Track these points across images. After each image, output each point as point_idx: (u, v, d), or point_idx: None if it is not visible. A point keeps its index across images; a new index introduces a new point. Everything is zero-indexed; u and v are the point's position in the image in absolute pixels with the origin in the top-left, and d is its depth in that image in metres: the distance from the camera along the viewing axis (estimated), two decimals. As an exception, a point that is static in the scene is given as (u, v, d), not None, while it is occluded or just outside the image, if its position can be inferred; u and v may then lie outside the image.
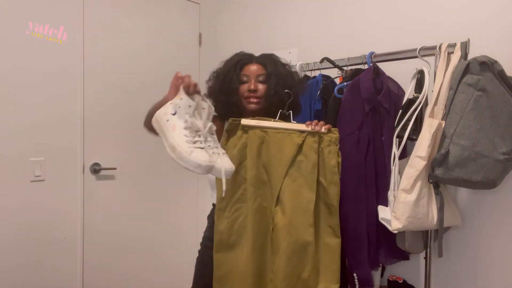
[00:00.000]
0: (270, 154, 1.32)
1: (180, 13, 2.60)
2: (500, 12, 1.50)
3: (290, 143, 1.31)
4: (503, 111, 1.23)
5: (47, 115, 2.01)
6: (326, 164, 1.30)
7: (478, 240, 1.57)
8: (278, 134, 1.32)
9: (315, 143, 1.30)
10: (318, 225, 1.31)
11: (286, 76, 1.44)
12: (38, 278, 2.01)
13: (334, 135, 1.31)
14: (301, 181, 1.30)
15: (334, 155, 1.31)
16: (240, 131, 1.33)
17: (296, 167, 1.31)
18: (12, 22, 1.89)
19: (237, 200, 1.33)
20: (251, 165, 1.31)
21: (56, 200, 2.06)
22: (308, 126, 1.31)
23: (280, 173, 1.31)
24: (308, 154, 1.30)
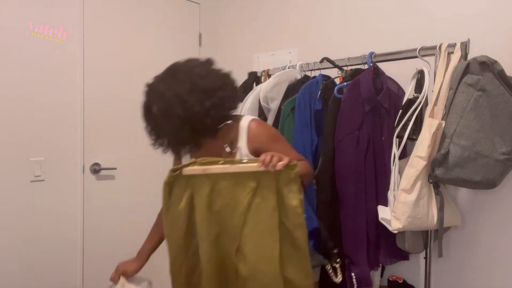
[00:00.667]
0: (222, 203, 1.15)
1: (180, 13, 2.60)
2: (500, 12, 1.50)
3: (244, 187, 1.14)
4: (503, 111, 1.23)
5: (47, 115, 2.01)
6: (287, 206, 1.13)
7: (478, 240, 1.57)
8: (229, 179, 1.14)
9: (272, 182, 1.13)
10: (287, 270, 1.16)
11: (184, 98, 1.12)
12: (38, 278, 2.01)
13: (293, 171, 1.12)
14: (262, 227, 1.14)
15: (295, 194, 1.13)
16: (184, 181, 1.15)
17: (254, 212, 1.14)
18: (12, 22, 1.89)
19: (190, 257, 1.20)
20: (201, 219, 1.15)
21: (56, 200, 2.06)
22: (261, 166, 1.10)
23: (237, 222, 1.15)
24: (266, 196, 1.13)
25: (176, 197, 1.17)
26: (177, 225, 1.17)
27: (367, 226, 1.49)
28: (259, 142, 1.25)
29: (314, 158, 1.59)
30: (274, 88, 1.77)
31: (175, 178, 1.15)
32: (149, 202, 2.45)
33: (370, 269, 1.52)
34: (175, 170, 1.15)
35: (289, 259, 1.16)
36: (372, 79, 1.51)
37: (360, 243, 1.48)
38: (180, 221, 1.17)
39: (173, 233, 1.18)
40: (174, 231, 1.18)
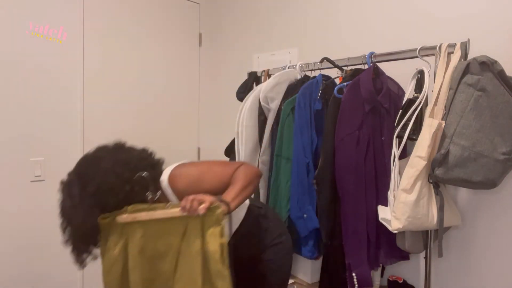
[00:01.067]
0: (154, 249, 1.15)
1: (180, 13, 2.60)
2: (500, 12, 1.50)
3: (174, 232, 1.14)
4: (503, 111, 1.23)
5: (47, 115, 2.02)
6: (208, 250, 1.11)
7: (478, 240, 1.57)
8: (159, 225, 1.15)
9: (198, 225, 1.12)
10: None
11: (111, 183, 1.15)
12: (38, 278, 2.01)
13: (215, 213, 1.10)
14: (188, 272, 1.13)
15: (215, 238, 1.10)
16: (119, 228, 1.16)
17: (182, 256, 1.14)
18: (12, 22, 1.89)
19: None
20: (133, 265, 1.15)
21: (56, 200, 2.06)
22: (183, 211, 1.11)
23: (169, 267, 1.15)
24: (191, 240, 1.13)
25: (112, 242, 1.17)
26: (112, 271, 1.17)
27: (367, 226, 1.49)
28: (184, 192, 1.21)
29: (314, 158, 1.60)
30: (274, 88, 1.77)
31: (109, 224, 1.17)
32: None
33: (370, 269, 1.52)
34: (106, 217, 1.16)
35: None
36: (372, 79, 1.51)
37: (360, 243, 1.48)
38: (115, 267, 1.17)
39: (108, 278, 1.17)
40: (109, 276, 1.17)
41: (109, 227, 1.17)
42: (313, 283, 1.76)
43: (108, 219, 1.16)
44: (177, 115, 2.60)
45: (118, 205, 1.17)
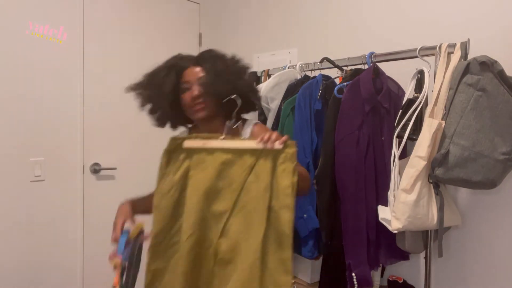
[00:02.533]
0: (217, 180, 1.14)
1: (180, 13, 2.60)
2: (500, 12, 1.50)
3: (241, 165, 1.13)
4: (503, 111, 1.23)
5: (47, 115, 2.02)
6: (279, 185, 1.10)
7: (478, 240, 1.57)
8: (228, 154, 1.13)
9: (269, 162, 1.12)
10: (267, 258, 1.11)
11: (221, 71, 1.25)
12: (38, 278, 2.01)
13: (290, 151, 1.11)
14: (251, 207, 1.12)
15: (288, 174, 1.10)
16: (183, 154, 1.15)
17: (246, 191, 1.13)
18: (12, 22, 1.89)
19: (175, 233, 1.17)
20: (192, 193, 1.14)
21: (56, 200, 2.06)
22: (260, 143, 1.11)
23: (229, 200, 1.14)
24: (260, 176, 1.12)
25: (173, 167, 1.16)
26: (168, 195, 1.15)
27: (367, 226, 1.49)
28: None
29: (314, 158, 1.60)
30: (274, 88, 1.77)
31: (176, 147, 1.16)
32: (149, 202, 2.46)
33: (370, 269, 1.52)
34: (177, 139, 1.16)
35: (270, 247, 1.11)
36: (372, 79, 1.51)
37: (360, 242, 1.48)
38: (172, 191, 1.15)
39: (163, 202, 1.16)
40: (164, 201, 1.16)
41: (174, 150, 1.16)
42: (313, 283, 1.76)
43: (177, 141, 1.16)
44: (177, 115, 2.60)
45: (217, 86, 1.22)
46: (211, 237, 1.15)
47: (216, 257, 1.14)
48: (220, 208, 1.14)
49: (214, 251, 1.15)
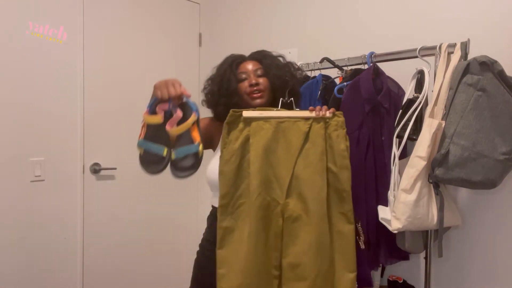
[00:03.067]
0: (276, 145, 1.28)
1: (180, 13, 2.60)
2: (500, 12, 1.50)
3: (297, 131, 1.27)
4: (503, 111, 1.23)
5: (47, 115, 2.01)
6: (335, 149, 1.26)
7: (478, 240, 1.57)
8: (283, 123, 1.28)
9: (322, 129, 1.27)
10: (330, 213, 1.27)
11: (283, 66, 1.46)
12: (38, 278, 2.01)
13: (340, 119, 1.28)
14: (311, 170, 1.26)
15: (342, 139, 1.27)
16: (242, 124, 1.28)
17: (304, 155, 1.27)
18: (12, 22, 1.89)
19: (240, 195, 1.28)
20: (255, 157, 1.26)
21: (56, 200, 2.06)
22: (312, 112, 1.28)
23: (289, 163, 1.27)
24: (316, 141, 1.26)
25: (233, 136, 1.28)
26: (231, 161, 1.27)
27: (367, 226, 1.49)
28: None
29: (314, 158, 1.59)
30: (274, 88, 1.77)
31: (235, 118, 1.28)
32: (149, 202, 2.46)
33: (370, 269, 1.52)
34: (236, 111, 1.28)
35: (332, 203, 1.27)
36: (372, 79, 1.51)
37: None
38: (234, 158, 1.27)
39: (226, 168, 1.28)
40: (227, 166, 1.28)
41: (233, 122, 1.29)
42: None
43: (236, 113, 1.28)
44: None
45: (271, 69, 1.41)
46: (276, 198, 1.27)
47: (284, 215, 1.26)
48: (281, 171, 1.27)
49: (281, 210, 1.27)
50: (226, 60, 1.48)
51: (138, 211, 2.40)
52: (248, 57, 1.49)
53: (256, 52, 1.50)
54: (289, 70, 1.46)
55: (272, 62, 1.44)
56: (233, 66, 1.44)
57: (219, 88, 1.43)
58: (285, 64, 1.48)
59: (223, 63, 1.48)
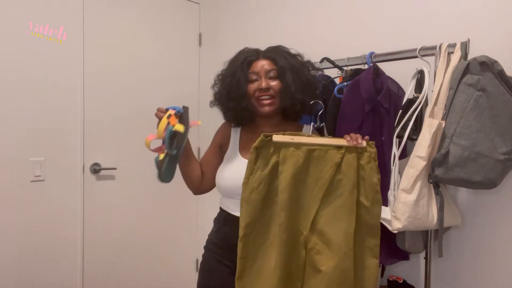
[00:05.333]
0: (305, 174, 1.20)
1: (180, 13, 2.60)
2: (500, 12, 1.50)
3: (328, 161, 1.20)
4: (503, 111, 1.23)
5: (47, 115, 2.02)
6: (367, 183, 1.20)
7: (478, 240, 1.57)
8: (315, 151, 1.20)
9: (355, 160, 1.20)
10: (357, 247, 1.21)
11: (300, 69, 1.34)
12: (38, 278, 2.01)
13: (373, 150, 1.23)
14: (340, 202, 1.19)
15: (375, 172, 1.21)
16: (272, 149, 1.20)
17: (335, 187, 1.20)
18: (12, 22, 1.89)
19: (264, 223, 1.22)
20: (284, 187, 1.18)
21: (56, 200, 2.06)
22: (349, 141, 1.20)
23: (317, 194, 1.20)
24: (348, 173, 1.20)
25: (262, 162, 1.21)
26: (258, 189, 1.20)
27: (367, 226, 1.49)
28: None
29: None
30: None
31: (265, 143, 1.20)
32: (149, 202, 2.46)
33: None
34: (267, 136, 1.20)
35: (360, 238, 1.21)
36: (372, 79, 1.51)
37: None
38: (262, 185, 1.20)
39: (252, 196, 1.20)
40: (254, 195, 1.20)
41: (262, 146, 1.21)
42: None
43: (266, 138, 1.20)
44: (177, 115, 2.60)
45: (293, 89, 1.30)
46: (301, 229, 1.21)
47: (306, 247, 1.21)
48: (309, 201, 1.21)
49: (304, 241, 1.21)
50: (239, 57, 1.38)
51: (138, 211, 2.40)
52: (262, 53, 1.37)
53: (271, 48, 1.39)
54: (308, 72, 1.36)
55: (288, 64, 1.32)
56: (244, 65, 1.34)
57: (228, 91, 1.35)
58: (301, 65, 1.36)
59: (236, 59, 1.38)
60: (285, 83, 1.30)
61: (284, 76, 1.30)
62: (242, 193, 1.21)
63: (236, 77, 1.33)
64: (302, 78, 1.32)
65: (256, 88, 1.31)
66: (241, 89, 1.32)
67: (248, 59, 1.35)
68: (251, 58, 1.35)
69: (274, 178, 1.21)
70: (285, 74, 1.30)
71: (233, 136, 1.44)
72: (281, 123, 1.43)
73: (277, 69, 1.31)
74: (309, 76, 1.37)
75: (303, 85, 1.32)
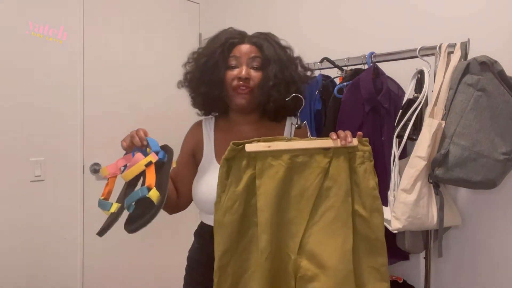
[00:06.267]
0: (288, 187, 1.02)
1: (180, 13, 2.60)
2: (500, 12, 1.50)
3: (314, 167, 1.01)
4: (503, 111, 1.23)
5: (47, 115, 2.02)
6: (362, 188, 1.02)
7: (478, 240, 1.57)
8: (297, 159, 1.02)
9: (345, 162, 1.02)
10: (359, 268, 1.02)
11: (287, 65, 1.17)
12: (38, 278, 2.01)
13: (366, 148, 1.04)
14: (332, 215, 1.00)
15: (370, 174, 1.03)
16: (246, 160, 1.02)
17: (324, 197, 1.02)
18: (12, 22, 1.89)
19: (243, 250, 1.03)
20: (263, 204, 1.00)
21: (56, 200, 2.06)
22: (335, 141, 1.01)
23: (304, 208, 1.01)
24: (338, 179, 1.01)
25: (235, 177, 1.01)
26: (232, 209, 1.01)
27: (367, 226, 1.49)
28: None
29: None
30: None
31: (236, 153, 1.01)
32: (149, 202, 2.46)
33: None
34: (237, 144, 1.00)
35: (361, 256, 1.02)
36: (372, 79, 1.51)
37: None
38: (237, 204, 1.01)
39: (227, 218, 1.02)
40: (228, 216, 1.01)
41: (234, 158, 1.01)
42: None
43: (237, 147, 1.01)
44: (177, 115, 2.60)
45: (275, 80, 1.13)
46: (288, 253, 1.02)
47: (297, 274, 1.01)
48: (294, 220, 1.02)
49: (293, 268, 1.02)
50: (220, 36, 1.21)
51: (138, 211, 2.40)
52: (248, 38, 1.20)
53: (259, 33, 1.22)
54: (295, 69, 1.20)
55: (275, 55, 1.16)
56: (225, 47, 1.16)
57: (201, 73, 1.17)
58: (289, 60, 1.20)
59: (216, 39, 1.21)
60: (265, 75, 1.13)
61: (266, 67, 1.14)
62: (215, 215, 1.03)
63: (214, 58, 1.15)
64: (285, 74, 1.15)
65: (235, 76, 1.14)
66: (217, 74, 1.14)
67: (230, 41, 1.17)
68: (234, 40, 1.17)
69: (251, 194, 1.02)
70: (269, 65, 1.13)
71: (206, 140, 1.25)
72: (260, 120, 1.25)
73: (261, 58, 1.15)
74: (295, 74, 1.19)
75: (285, 82, 1.14)
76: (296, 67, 1.22)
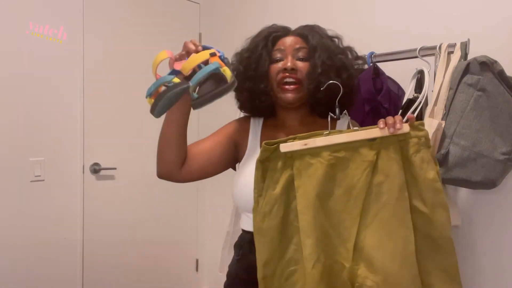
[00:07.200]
0: (332, 186, 0.91)
1: (180, 13, 2.60)
2: (500, 11, 1.50)
3: (359, 162, 0.90)
4: (503, 111, 1.23)
5: (47, 115, 2.02)
6: (420, 180, 0.89)
7: (478, 240, 1.57)
8: (339, 154, 0.90)
9: (396, 153, 0.89)
10: (424, 272, 0.90)
11: (335, 52, 1.07)
12: (38, 278, 2.01)
13: (421, 133, 0.89)
14: (386, 214, 0.89)
15: (429, 164, 0.89)
16: (282, 161, 0.93)
17: (375, 195, 0.90)
18: (12, 22, 1.89)
19: (289, 261, 0.93)
20: (305, 207, 0.90)
21: (56, 200, 2.06)
22: (382, 129, 0.88)
23: (353, 209, 0.90)
24: (389, 172, 0.89)
25: (271, 179, 0.93)
26: (272, 214, 0.92)
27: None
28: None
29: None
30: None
31: (270, 154, 0.92)
32: (149, 202, 2.46)
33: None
34: (272, 143, 0.92)
35: (427, 256, 0.91)
36: (372, 79, 1.51)
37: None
38: (276, 209, 0.92)
39: (266, 224, 0.93)
40: (267, 222, 0.92)
41: (269, 159, 0.93)
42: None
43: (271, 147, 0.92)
44: (177, 115, 2.60)
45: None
46: (340, 261, 0.92)
47: (354, 284, 0.91)
48: (343, 223, 0.91)
49: (349, 277, 0.91)
50: (263, 31, 1.15)
51: (138, 211, 2.40)
52: (292, 31, 1.14)
53: (305, 26, 1.14)
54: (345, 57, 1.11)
55: (321, 43, 1.07)
56: (268, 40, 1.10)
57: (245, 68, 1.10)
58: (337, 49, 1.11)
59: (259, 34, 1.15)
60: (312, 64, 1.04)
61: (313, 56, 1.05)
62: (253, 221, 0.95)
63: (257, 52, 1.08)
64: (334, 60, 1.06)
65: (280, 69, 1.06)
66: (262, 67, 1.07)
67: (274, 34, 1.11)
68: (278, 33, 1.11)
69: (290, 197, 0.93)
70: (315, 54, 1.05)
71: (252, 134, 1.16)
72: (310, 116, 1.16)
73: (308, 48, 1.07)
74: (346, 60, 1.10)
75: (335, 68, 1.05)
76: (346, 55, 1.13)
